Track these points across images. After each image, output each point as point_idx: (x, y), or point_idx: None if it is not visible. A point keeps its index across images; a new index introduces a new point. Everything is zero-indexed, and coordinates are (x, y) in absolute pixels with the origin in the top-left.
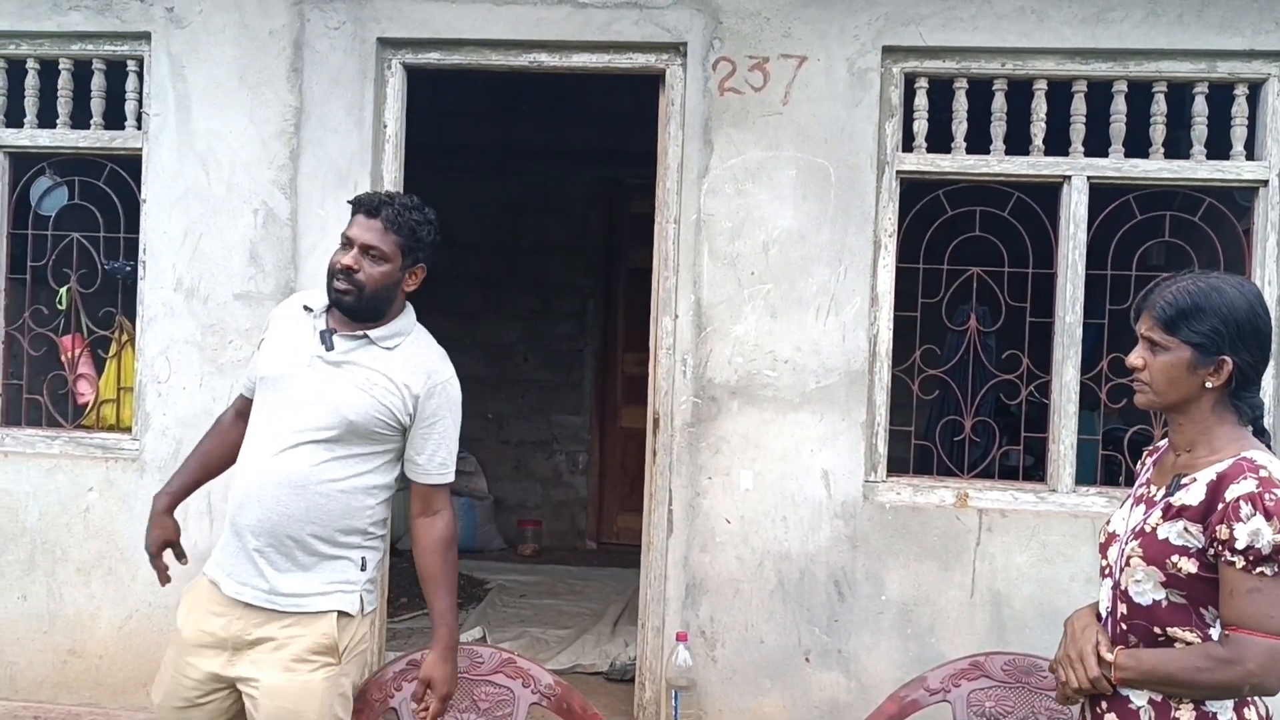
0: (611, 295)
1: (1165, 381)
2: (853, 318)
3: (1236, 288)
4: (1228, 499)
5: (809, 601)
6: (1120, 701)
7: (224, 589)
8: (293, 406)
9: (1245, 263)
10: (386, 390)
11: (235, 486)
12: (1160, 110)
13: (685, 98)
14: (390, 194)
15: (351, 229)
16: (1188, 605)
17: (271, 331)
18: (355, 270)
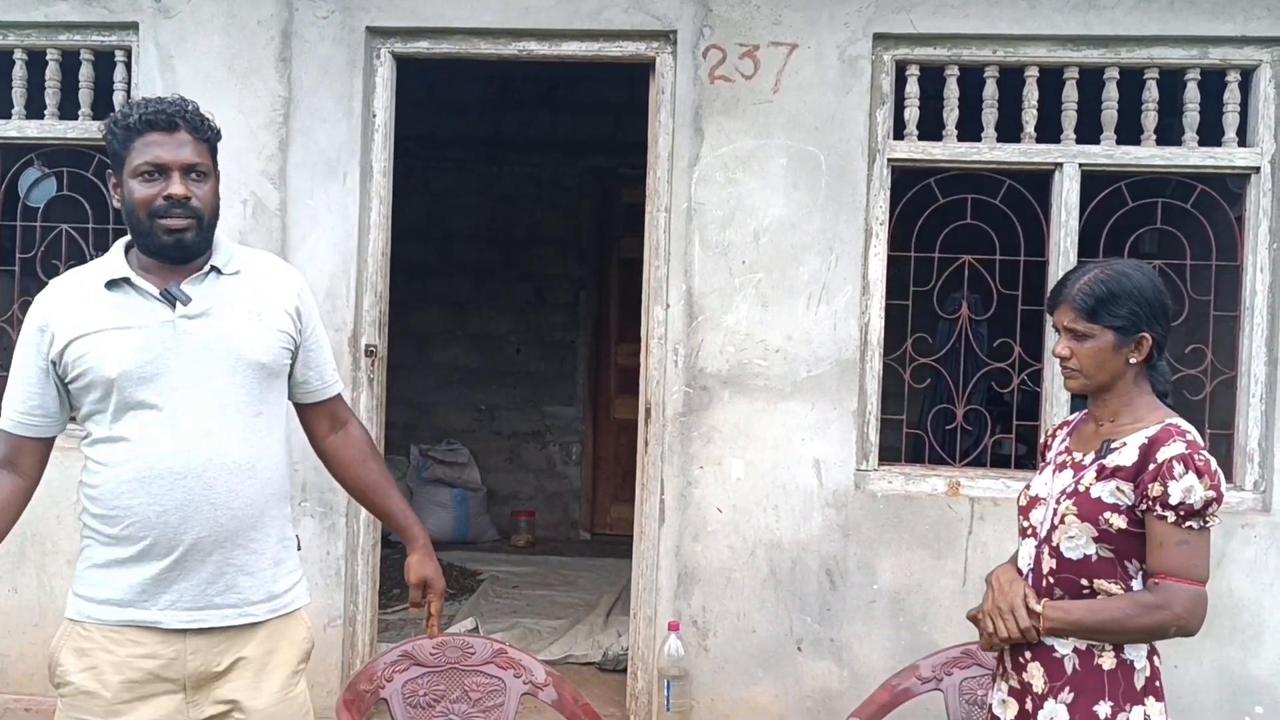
0: (604, 286)
1: (1094, 365)
2: (844, 306)
3: (1139, 270)
4: (1159, 460)
5: (801, 590)
6: (1045, 651)
7: (166, 625)
8: (188, 386)
9: (1237, 250)
10: (273, 315)
11: (148, 506)
12: (1152, 97)
13: (676, 86)
14: (165, 99)
15: (153, 152)
16: (1115, 559)
17: (69, 330)
18: (189, 198)
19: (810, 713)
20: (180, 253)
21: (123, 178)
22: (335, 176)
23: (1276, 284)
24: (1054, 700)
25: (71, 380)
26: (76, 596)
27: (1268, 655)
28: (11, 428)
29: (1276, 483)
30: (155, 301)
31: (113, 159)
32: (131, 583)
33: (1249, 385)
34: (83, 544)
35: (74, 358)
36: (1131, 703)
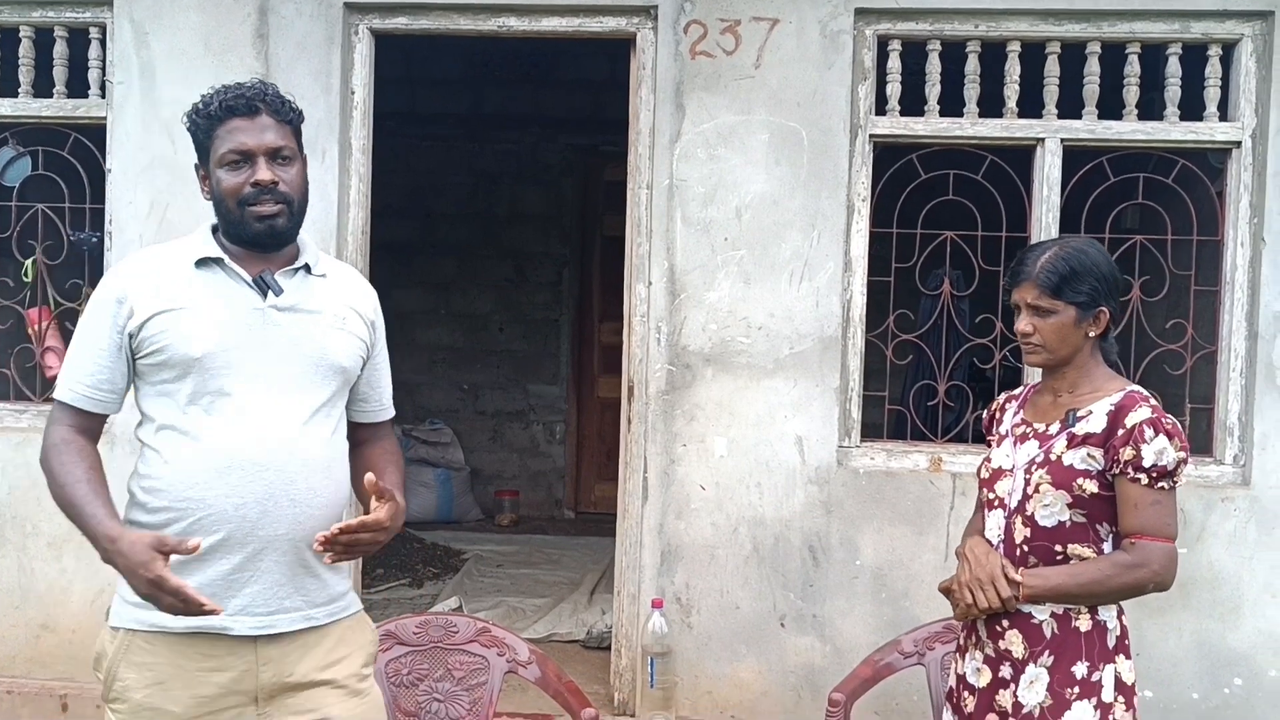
0: (587, 264)
1: (1057, 340)
2: (826, 283)
3: (1094, 247)
4: (1129, 425)
5: (784, 567)
6: (1023, 618)
7: (237, 631)
8: (271, 377)
9: (1218, 224)
10: (355, 323)
11: (225, 498)
12: (1134, 71)
13: (656, 62)
14: (243, 83)
15: (237, 139)
16: (1087, 523)
17: (152, 303)
18: (276, 182)
19: (793, 688)
20: (273, 239)
21: (210, 168)
22: (314, 154)
23: (1257, 259)
24: (1034, 665)
25: (146, 356)
26: (131, 604)
27: (1246, 628)
28: (76, 401)
29: (1256, 457)
30: (246, 287)
31: (198, 151)
32: (198, 584)
33: (1229, 360)
34: None
35: (154, 332)
36: (1105, 661)
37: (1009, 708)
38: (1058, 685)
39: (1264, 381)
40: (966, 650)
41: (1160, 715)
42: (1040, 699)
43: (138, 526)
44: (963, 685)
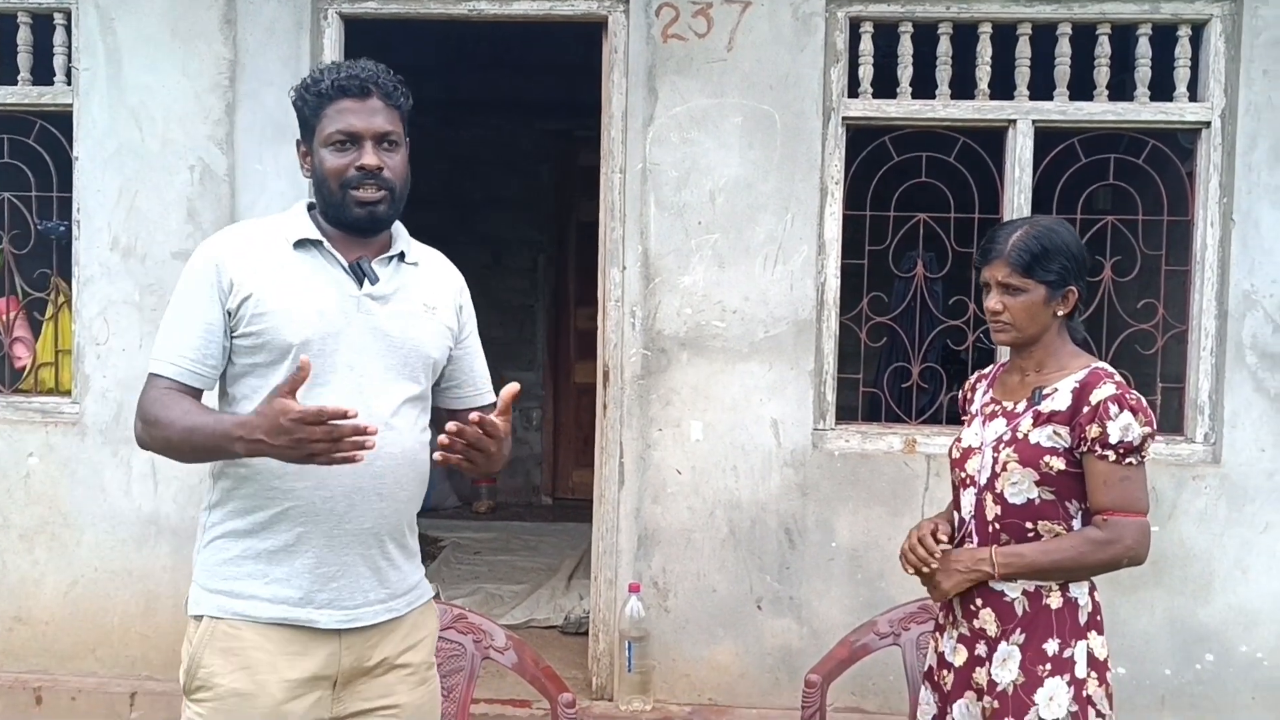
0: (563, 249)
1: (1027, 319)
2: (800, 266)
3: (1064, 226)
4: (1093, 402)
5: (760, 550)
6: (995, 596)
7: (322, 624)
8: (364, 367)
9: (1189, 204)
10: (445, 311)
11: (314, 490)
12: (1104, 52)
13: (629, 45)
14: (357, 63)
15: (346, 120)
16: (1056, 500)
17: (252, 281)
18: (381, 168)
19: (771, 670)
20: (373, 225)
21: (313, 146)
22: (284, 140)
23: (1226, 238)
24: (1006, 642)
25: (243, 335)
26: (214, 592)
27: (1217, 604)
28: (179, 375)
29: (1226, 435)
30: (343, 273)
31: (302, 126)
32: (285, 576)
33: (1199, 339)
34: (211, 532)
35: (254, 311)
36: (1076, 638)
37: (984, 685)
38: (1029, 662)
39: (1234, 360)
40: (945, 629)
41: (1133, 691)
42: (1013, 676)
43: (221, 511)
44: (942, 664)
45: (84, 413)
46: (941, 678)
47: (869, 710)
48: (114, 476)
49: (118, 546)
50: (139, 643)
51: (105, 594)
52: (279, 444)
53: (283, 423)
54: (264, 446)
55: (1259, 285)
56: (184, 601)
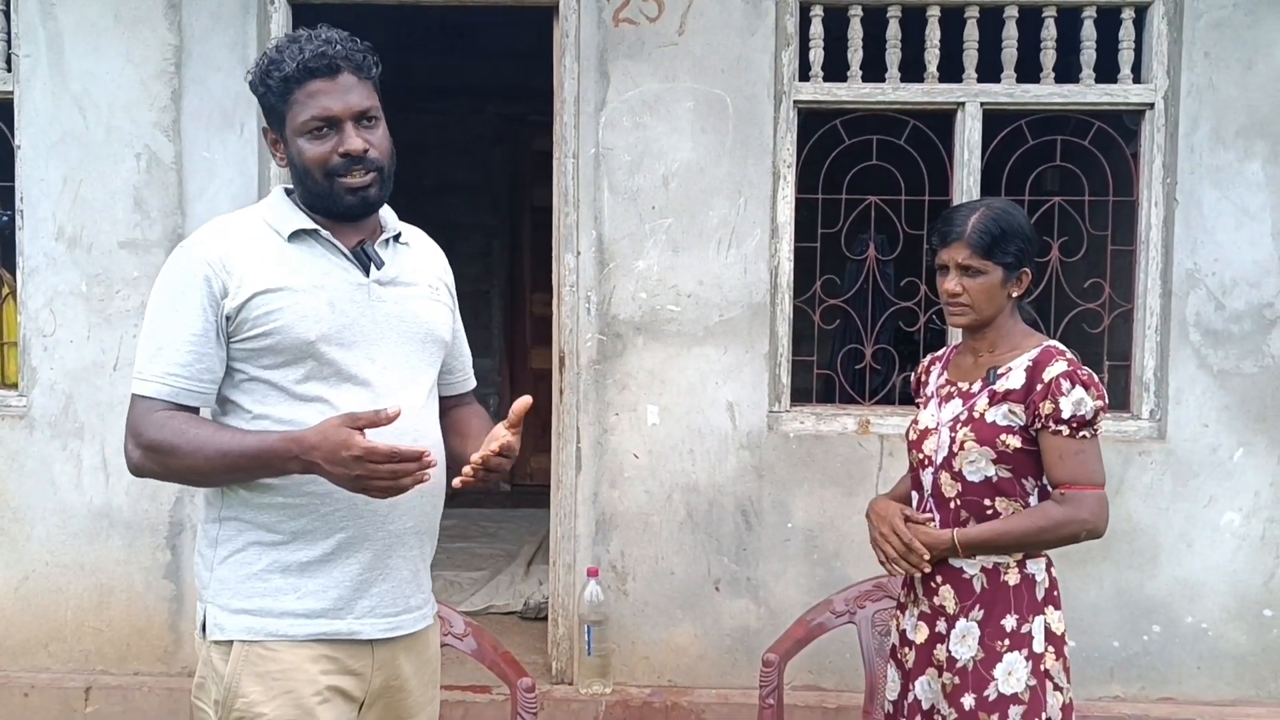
0: (517, 234)
1: (985, 301)
2: (753, 250)
3: (1016, 209)
4: (1046, 379)
5: (717, 532)
6: (954, 573)
7: (365, 635)
8: (385, 357)
9: (1134, 185)
10: (444, 292)
11: (355, 494)
12: (1050, 35)
13: (579, 29)
14: (317, 37)
15: (320, 103)
16: (1013, 478)
17: (253, 281)
18: (367, 150)
19: (729, 651)
20: (366, 212)
21: (286, 135)
22: (232, 127)
23: (1170, 218)
24: (965, 619)
25: (249, 339)
26: (242, 613)
27: (1164, 577)
28: (173, 395)
29: (1171, 411)
30: (346, 261)
31: (269, 114)
32: (324, 587)
33: (1145, 318)
34: (228, 545)
35: (260, 313)
36: (1034, 613)
37: (944, 662)
38: (988, 639)
39: (1178, 338)
40: (906, 607)
41: (1082, 664)
42: (973, 653)
43: (239, 524)
44: (904, 641)
45: (31, 406)
46: (904, 655)
47: (826, 688)
48: (64, 470)
49: (69, 540)
50: (93, 637)
51: (57, 588)
52: (335, 472)
53: (344, 455)
54: (319, 470)
55: (1201, 264)
56: (139, 595)
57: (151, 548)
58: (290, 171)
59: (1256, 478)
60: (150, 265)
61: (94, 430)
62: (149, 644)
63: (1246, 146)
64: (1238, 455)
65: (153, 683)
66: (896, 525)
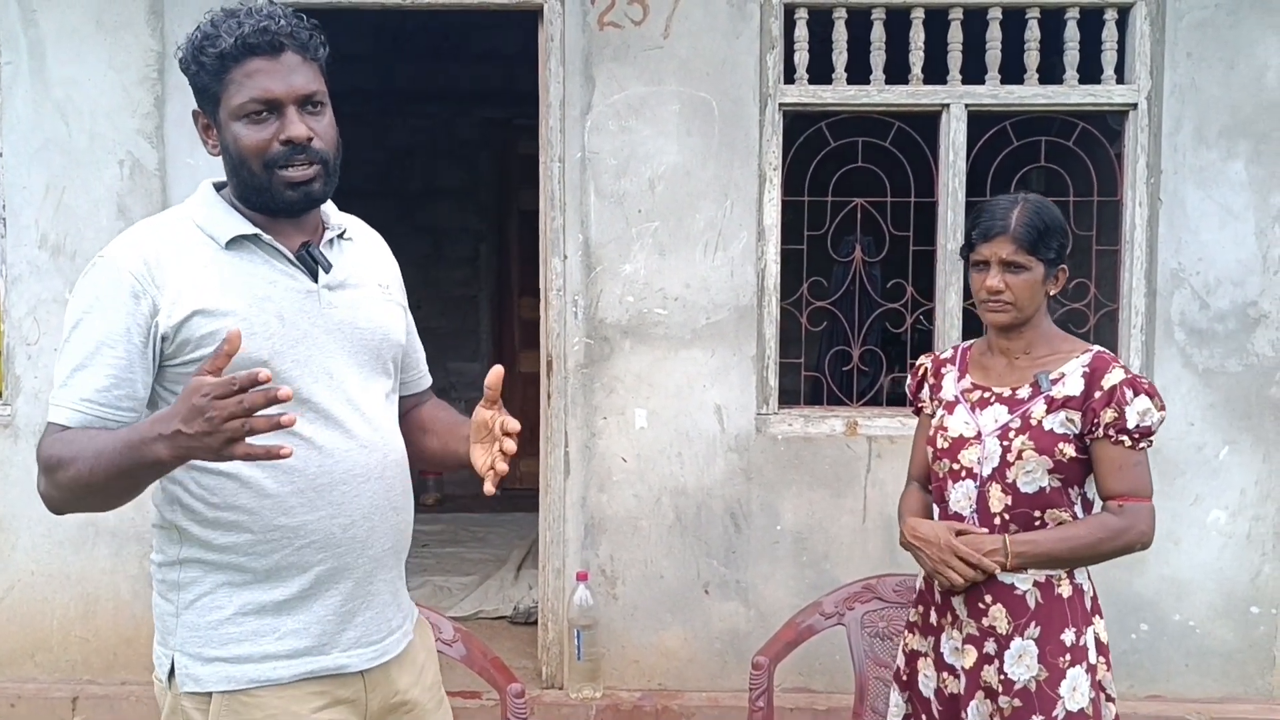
0: (504, 238)
1: (1028, 298)
2: (740, 253)
3: (1051, 204)
4: (1106, 386)
5: (706, 535)
6: (1005, 591)
7: (353, 667)
8: (343, 370)
9: (1117, 185)
10: (396, 289)
11: (331, 520)
12: (1034, 36)
13: (565, 33)
14: (257, 11)
15: (259, 84)
16: (1062, 487)
17: (190, 297)
18: (311, 138)
19: (719, 654)
20: (309, 208)
21: (219, 119)
22: None
23: (1154, 218)
24: (1021, 638)
25: (187, 362)
26: (217, 661)
27: (1151, 575)
28: (86, 422)
29: None
30: (291, 266)
31: (201, 95)
32: (305, 624)
33: (1130, 317)
34: (191, 590)
35: (202, 334)
36: (1086, 624)
37: (997, 685)
38: (1050, 656)
39: (1163, 337)
40: (941, 630)
41: None
42: (1034, 672)
43: (201, 566)
44: (941, 666)
45: (16, 415)
46: (944, 682)
47: (816, 690)
48: None
49: (54, 550)
50: (79, 646)
51: (43, 598)
52: (195, 430)
53: (195, 401)
54: (183, 439)
55: (1186, 264)
56: (126, 604)
57: (138, 556)
58: (223, 161)
59: (1242, 475)
60: None
61: None
62: (136, 653)
63: (1229, 146)
64: (1223, 453)
65: (140, 692)
66: (956, 547)
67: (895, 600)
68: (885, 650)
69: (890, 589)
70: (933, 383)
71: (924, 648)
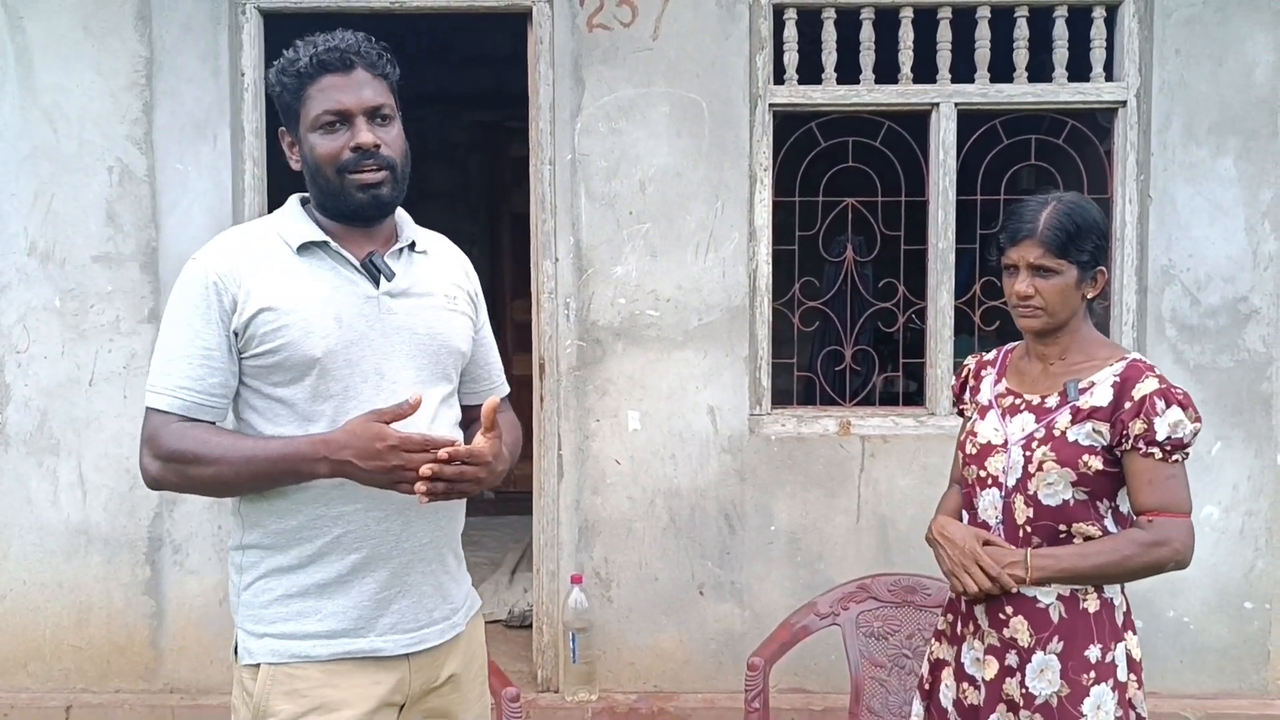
0: (497, 241)
1: (1060, 303)
2: (732, 253)
3: (1088, 202)
4: (1136, 396)
5: (700, 536)
6: (1027, 603)
7: (387, 651)
8: (395, 372)
9: (1107, 183)
10: (463, 301)
11: (367, 511)
12: (1023, 35)
13: (554, 35)
14: (333, 35)
15: (332, 97)
16: (1089, 501)
17: (259, 296)
18: (379, 145)
19: (714, 655)
20: (378, 211)
21: (299, 134)
22: (205, 139)
23: (1144, 215)
24: (1043, 652)
25: (256, 356)
26: (265, 637)
27: None
28: (186, 410)
29: None
30: (356, 273)
31: (284, 114)
32: (344, 608)
33: (1121, 314)
34: (250, 573)
35: (267, 329)
36: (1116, 640)
37: (1018, 698)
38: (1072, 672)
39: (1154, 334)
40: (963, 639)
41: None
42: (1055, 688)
43: (259, 550)
44: (961, 676)
45: (6, 423)
46: (963, 693)
47: (812, 690)
48: (40, 487)
49: (46, 558)
50: (72, 655)
51: (35, 607)
52: (369, 468)
53: (379, 448)
54: (351, 468)
55: (1176, 260)
56: (119, 612)
57: (131, 564)
58: (305, 173)
59: (1234, 471)
60: (124, 279)
61: (70, 447)
62: (129, 661)
63: (1219, 143)
64: (1215, 449)
65: (134, 700)
66: (979, 555)
67: (890, 600)
68: (881, 650)
69: (885, 589)
70: (973, 385)
71: (948, 657)
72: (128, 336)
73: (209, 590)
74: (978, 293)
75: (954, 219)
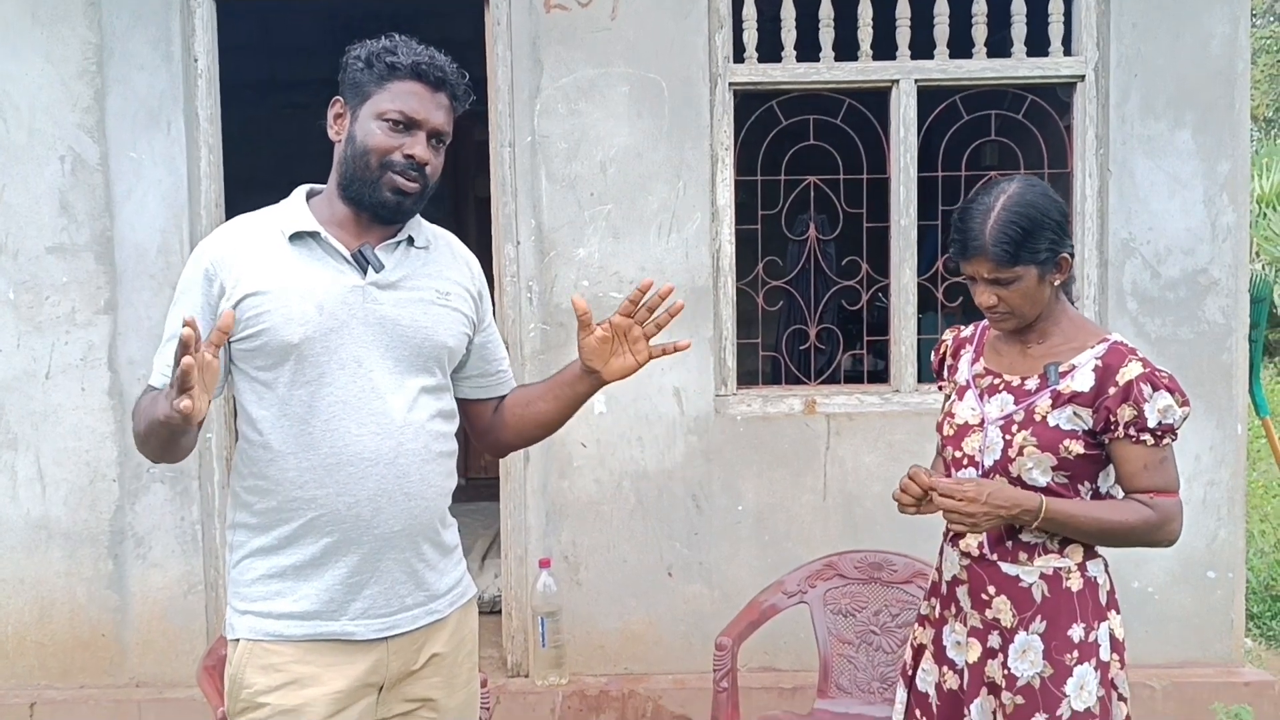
0: (461, 226)
1: (1026, 304)
2: (694, 234)
3: (1036, 191)
4: (1120, 381)
5: (668, 517)
6: (1010, 583)
7: (359, 636)
8: (375, 361)
9: (1067, 157)
10: (459, 298)
11: (337, 497)
12: (981, 10)
13: (511, 17)
14: (437, 53)
15: (410, 103)
16: (1070, 484)
17: (245, 282)
18: (426, 163)
19: (684, 636)
20: (396, 215)
21: (359, 112)
22: (159, 126)
23: (1104, 189)
24: (1025, 632)
25: (241, 340)
26: (246, 614)
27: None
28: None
29: None
30: (344, 263)
31: (351, 88)
32: (316, 590)
33: (1083, 287)
34: (238, 552)
35: (250, 314)
36: (1098, 619)
37: (1000, 680)
38: (1055, 652)
39: (1116, 306)
40: (944, 622)
41: None
42: (1038, 669)
43: (246, 530)
44: (941, 659)
45: None
46: (944, 677)
47: (782, 668)
48: None
49: (7, 554)
50: (35, 651)
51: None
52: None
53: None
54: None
55: (1136, 233)
56: (82, 607)
57: (93, 558)
58: (342, 148)
59: (1196, 442)
60: (79, 270)
61: (28, 441)
62: (94, 656)
63: (1176, 116)
64: None
65: (99, 695)
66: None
67: (857, 577)
68: (849, 627)
69: (852, 566)
70: (951, 363)
71: (929, 640)
72: (84, 328)
73: (173, 583)
74: (941, 269)
75: (915, 196)
